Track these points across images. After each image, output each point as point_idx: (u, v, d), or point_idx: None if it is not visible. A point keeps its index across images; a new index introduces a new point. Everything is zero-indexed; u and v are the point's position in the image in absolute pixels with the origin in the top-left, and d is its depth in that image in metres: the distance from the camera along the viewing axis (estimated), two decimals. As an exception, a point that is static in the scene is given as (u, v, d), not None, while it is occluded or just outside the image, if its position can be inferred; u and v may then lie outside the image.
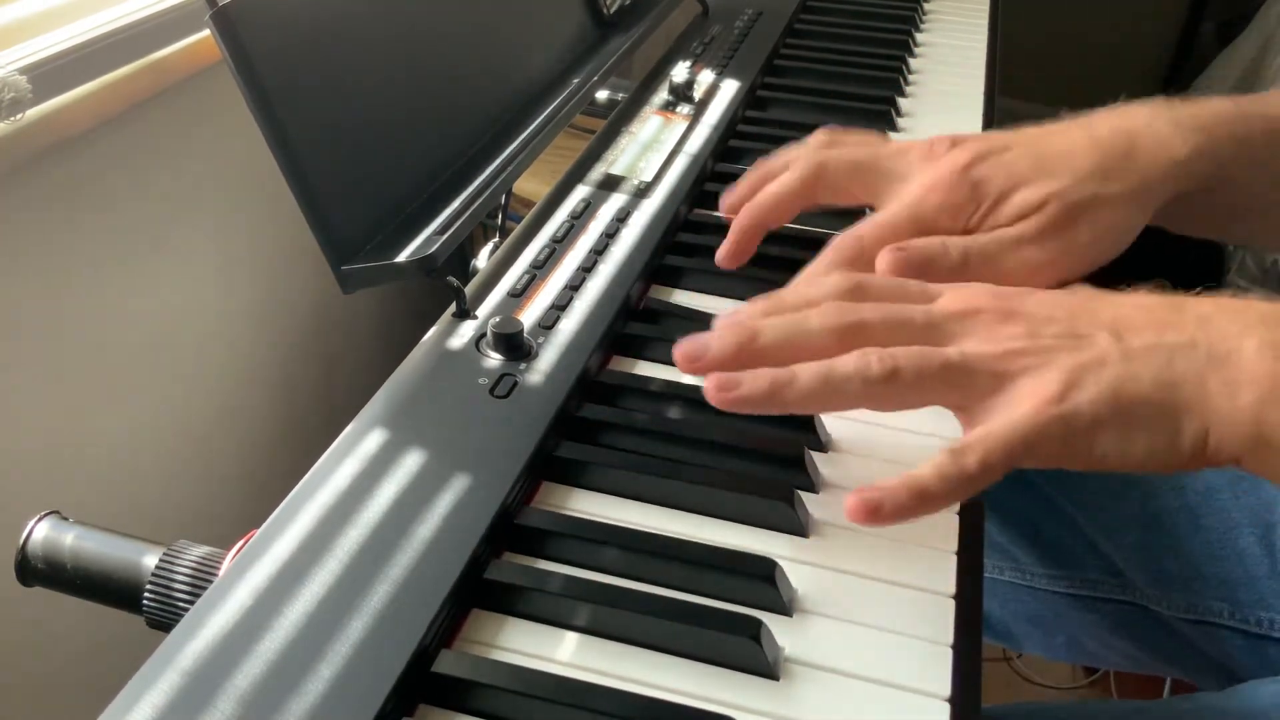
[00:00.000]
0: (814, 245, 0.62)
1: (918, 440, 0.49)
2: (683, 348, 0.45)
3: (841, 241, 0.52)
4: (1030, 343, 0.42)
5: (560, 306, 0.54)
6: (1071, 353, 0.41)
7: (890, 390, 0.41)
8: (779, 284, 0.59)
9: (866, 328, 0.43)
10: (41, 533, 0.45)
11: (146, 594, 0.43)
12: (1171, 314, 0.42)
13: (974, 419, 0.42)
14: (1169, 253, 0.52)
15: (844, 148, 0.56)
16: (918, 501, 0.39)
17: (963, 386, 0.42)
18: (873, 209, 0.55)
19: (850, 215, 0.55)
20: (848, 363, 0.42)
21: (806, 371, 0.42)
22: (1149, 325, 0.42)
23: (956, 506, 0.46)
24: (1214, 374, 0.39)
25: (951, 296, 0.45)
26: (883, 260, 0.50)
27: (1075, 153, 0.51)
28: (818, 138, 0.57)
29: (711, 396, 0.42)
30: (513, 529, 0.43)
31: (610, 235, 0.61)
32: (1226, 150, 0.51)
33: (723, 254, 0.57)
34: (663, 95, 0.79)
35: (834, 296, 0.45)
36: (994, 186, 0.51)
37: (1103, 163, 0.51)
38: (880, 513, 0.39)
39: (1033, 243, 0.50)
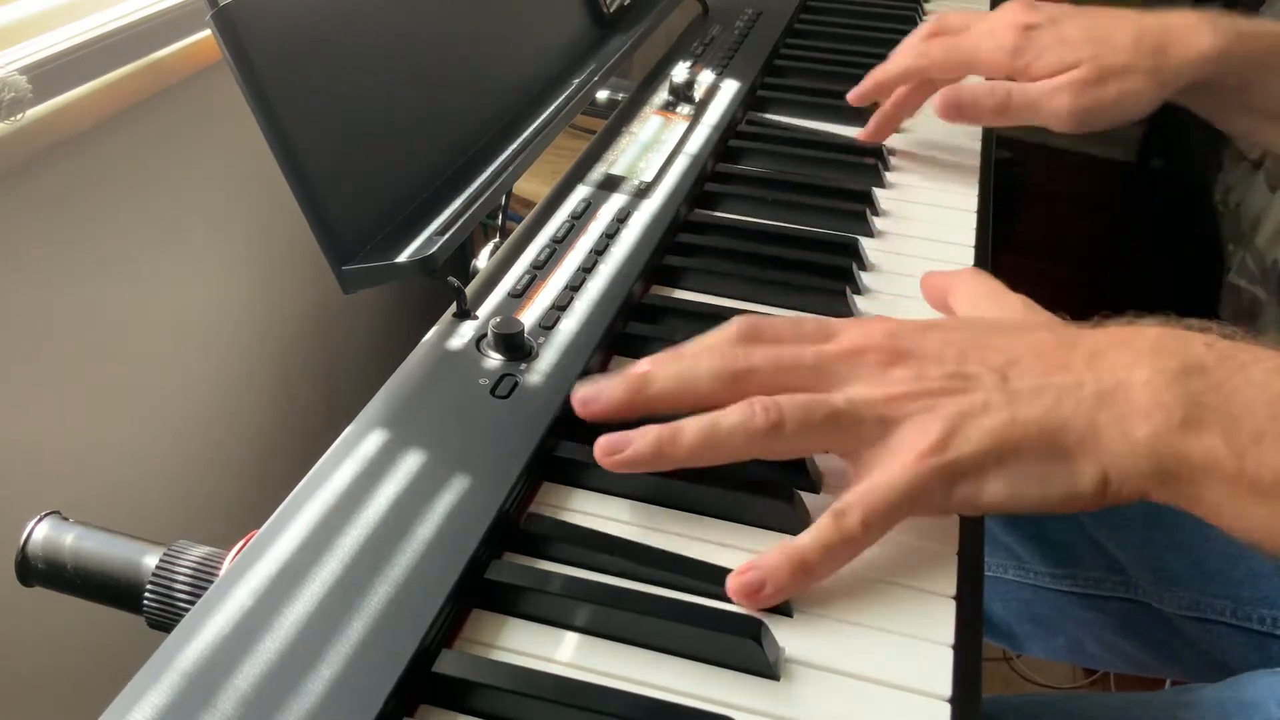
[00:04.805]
0: (811, 245, 0.63)
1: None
2: (579, 392, 0.45)
3: (930, 46, 0.68)
4: (916, 386, 0.41)
5: (560, 307, 0.54)
6: (955, 397, 0.40)
7: (775, 441, 0.41)
8: (778, 284, 0.60)
9: (754, 373, 0.43)
10: (41, 533, 0.45)
11: (147, 594, 0.43)
12: (1062, 352, 0.41)
13: (860, 466, 0.42)
14: (1172, 254, 0.53)
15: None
16: (801, 575, 0.39)
17: (848, 434, 0.42)
18: None
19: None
20: (732, 415, 0.41)
21: (691, 426, 0.42)
22: (1038, 365, 0.41)
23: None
24: (1103, 412, 0.39)
25: (846, 335, 0.44)
26: (940, 95, 0.66)
27: (1119, 30, 0.62)
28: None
29: (600, 460, 0.43)
30: (513, 529, 0.43)
31: (610, 235, 0.61)
32: (1253, 57, 0.61)
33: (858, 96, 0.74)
34: (663, 95, 0.79)
35: (730, 341, 0.44)
36: (1044, 36, 0.63)
37: (1138, 42, 0.62)
38: (762, 594, 0.39)
39: (1067, 92, 0.62)
